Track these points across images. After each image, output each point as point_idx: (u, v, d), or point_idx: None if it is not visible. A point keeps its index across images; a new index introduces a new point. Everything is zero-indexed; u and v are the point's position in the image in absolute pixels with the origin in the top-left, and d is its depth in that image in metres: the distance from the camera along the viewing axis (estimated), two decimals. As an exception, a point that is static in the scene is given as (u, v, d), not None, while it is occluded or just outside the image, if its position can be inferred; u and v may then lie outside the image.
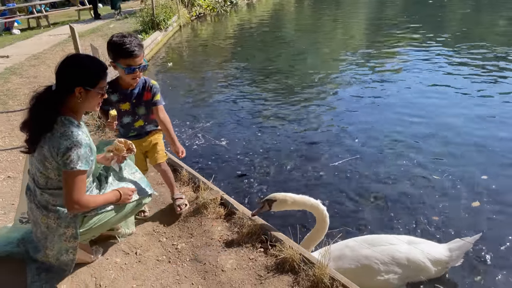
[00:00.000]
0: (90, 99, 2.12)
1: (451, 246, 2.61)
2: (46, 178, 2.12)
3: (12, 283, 2.37)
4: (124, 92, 2.71)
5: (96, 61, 2.17)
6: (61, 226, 2.18)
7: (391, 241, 2.58)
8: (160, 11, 11.66)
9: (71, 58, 2.10)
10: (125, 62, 2.55)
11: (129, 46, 2.51)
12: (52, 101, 2.05)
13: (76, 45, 5.20)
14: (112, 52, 2.57)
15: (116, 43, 2.53)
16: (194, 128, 5.40)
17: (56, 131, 2.01)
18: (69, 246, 2.26)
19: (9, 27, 13.39)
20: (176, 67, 9.03)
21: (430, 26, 11.18)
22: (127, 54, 2.52)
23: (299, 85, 7.07)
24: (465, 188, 3.75)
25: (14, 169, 3.91)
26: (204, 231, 2.83)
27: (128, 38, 2.53)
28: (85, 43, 7.25)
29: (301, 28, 12.55)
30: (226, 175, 4.17)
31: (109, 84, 2.59)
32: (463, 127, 5.00)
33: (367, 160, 4.33)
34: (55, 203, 2.16)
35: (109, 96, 2.62)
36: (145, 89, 2.76)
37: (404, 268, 2.49)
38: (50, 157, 2.03)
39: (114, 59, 2.58)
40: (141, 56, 2.58)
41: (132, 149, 2.45)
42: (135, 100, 2.74)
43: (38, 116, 2.04)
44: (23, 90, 6.62)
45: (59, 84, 2.07)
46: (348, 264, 2.52)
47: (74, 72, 2.07)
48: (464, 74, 7.00)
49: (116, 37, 2.55)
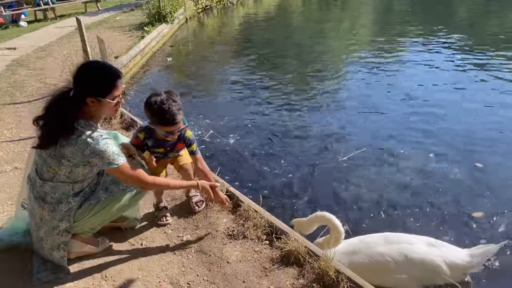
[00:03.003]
0: (104, 108, 2.14)
1: (473, 252, 2.49)
2: (54, 173, 2.15)
3: (19, 273, 2.38)
4: (159, 141, 2.63)
5: (108, 70, 2.16)
6: (55, 218, 2.21)
7: (409, 241, 2.51)
8: (166, 3, 11.62)
9: (84, 67, 2.14)
10: (165, 130, 2.45)
11: (170, 114, 2.36)
12: (71, 105, 2.09)
13: (82, 37, 5.20)
14: (151, 117, 2.43)
15: (155, 110, 2.37)
16: (198, 120, 5.40)
17: (82, 134, 2.05)
18: (61, 241, 2.27)
19: (16, 19, 13.41)
20: (180, 60, 9.02)
21: (444, 21, 11.06)
22: (168, 122, 2.40)
23: (307, 79, 7.04)
24: (493, 190, 3.59)
25: (21, 160, 3.93)
26: (210, 223, 2.83)
27: (167, 103, 2.35)
28: (92, 35, 7.25)
29: (308, 21, 12.46)
30: (231, 168, 4.16)
31: (147, 130, 2.59)
32: (488, 123, 4.90)
33: (389, 155, 4.27)
34: (53, 195, 2.18)
35: (145, 141, 2.61)
36: (179, 140, 2.65)
37: (419, 270, 2.40)
38: (74, 157, 2.07)
39: (152, 123, 2.47)
40: (181, 121, 2.45)
41: (134, 157, 2.48)
42: (169, 148, 2.68)
43: (58, 118, 2.07)
44: (30, 82, 6.64)
45: (74, 90, 2.11)
46: (362, 259, 2.48)
47: (86, 82, 2.10)
48: (482, 74, 6.83)
49: (154, 100, 2.37)
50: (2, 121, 4.99)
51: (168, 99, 2.38)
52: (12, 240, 2.53)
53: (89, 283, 2.34)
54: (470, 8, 13.50)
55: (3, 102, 5.72)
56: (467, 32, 9.64)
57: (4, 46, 9.62)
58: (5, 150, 4.17)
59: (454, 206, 3.41)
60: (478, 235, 3.06)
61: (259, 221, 2.71)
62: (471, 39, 8.91)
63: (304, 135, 4.83)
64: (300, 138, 4.78)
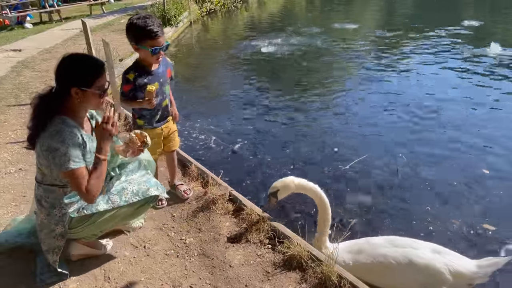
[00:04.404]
0: (89, 99, 2.11)
1: (481, 263, 2.46)
2: (42, 174, 2.17)
3: (23, 273, 2.40)
4: (151, 72, 2.70)
5: (91, 60, 2.16)
6: (51, 222, 2.22)
7: (414, 246, 2.51)
8: (171, 6, 11.70)
9: (66, 59, 2.09)
10: (150, 44, 2.54)
11: (152, 27, 2.50)
12: (51, 101, 2.08)
13: (88, 39, 5.23)
14: (135, 35, 2.55)
15: (139, 25, 2.51)
16: (202, 125, 5.41)
17: (47, 130, 2.03)
18: (56, 245, 2.26)
19: (22, 21, 13.51)
20: (185, 63, 9.05)
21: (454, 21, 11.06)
22: (152, 35, 2.51)
23: (311, 83, 7.05)
24: (504, 201, 3.56)
25: (25, 161, 3.95)
26: (212, 226, 2.84)
27: (150, 19, 2.51)
28: (97, 38, 7.29)
29: (312, 25, 12.48)
30: (235, 171, 4.17)
31: (134, 69, 2.63)
32: (495, 128, 4.88)
33: (395, 161, 4.26)
34: (47, 199, 2.20)
35: (137, 80, 2.62)
36: (166, 66, 2.82)
37: (422, 275, 2.39)
38: (41, 154, 2.07)
39: (137, 41, 2.56)
40: (163, 37, 2.59)
41: (147, 142, 2.46)
42: (162, 79, 2.76)
43: (37, 115, 2.08)
44: (35, 84, 6.68)
45: (57, 84, 2.10)
46: (365, 259, 2.49)
47: (69, 72, 2.07)
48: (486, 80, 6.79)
49: (137, 19, 2.51)
50: (7, 123, 5.02)
51: (149, 15, 2.55)
52: (16, 241, 2.54)
53: (92, 285, 2.35)
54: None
55: (8, 103, 5.76)
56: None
57: (10, 48, 9.69)
58: (10, 151, 4.20)
59: (462, 216, 3.40)
60: (486, 247, 3.03)
61: (262, 225, 2.72)
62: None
63: (307, 141, 4.83)
64: (303, 144, 4.77)
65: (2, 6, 13.90)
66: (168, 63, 2.88)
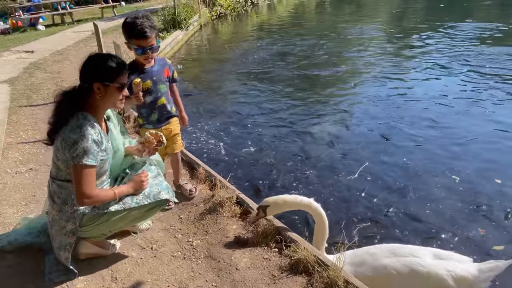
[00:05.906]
0: (110, 95, 2.19)
1: (482, 267, 2.44)
2: (57, 169, 2.21)
3: (32, 272, 2.42)
4: (143, 71, 2.75)
5: (115, 58, 2.23)
6: (62, 219, 2.24)
7: (415, 253, 2.48)
8: (181, 10, 11.77)
9: (92, 57, 2.19)
10: (136, 43, 2.61)
11: (140, 27, 2.56)
12: (74, 97, 2.16)
13: (99, 42, 5.29)
14: (125, 33, 2.64)
15: (129, 25, 2.59)
16: (212, 128, 5.43)
17: (69, 124, 2.10)
18: (67, 242, 2.29)
19: (34, 23, 13.71)
20: (194, 66, 9.09)
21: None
22: (138, 35, 2.58)
23: (321, 88, 7.02)
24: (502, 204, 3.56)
25: (36, 161, 4.00)
26: (220, 229, 2.84)
27: (140, 19, 2.58)
28: (108, 40, 7.36)
29: (322, 29, 12.47)
30: (242, 175, 4.19)
31: (128, 66, 2.65)
32: (497, 137, 4.83)
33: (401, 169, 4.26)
34: (60, 195, 2.23)
35: (129, 77, 2.63)
36: (164, 66, 2.86)
37: (424, 283, 2.37)
38: (60, 148, 2.11)
39: (127, 39, 2.65)
40: (152, 37, 2.63)
41: (162, 141, 2.50)
42: (156, 77, 2.80)
43: (59, 110, 2.15)
44: (47, 85, 6.77)
45: (81, 81, 2.17)
46: (367, 271, 2.46)
47: (94, 68, 2.16)
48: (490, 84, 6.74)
49: (129, 18, 2.61)
50: (18, 123, 5.09)
51: (142, 16, 2.62)
52: (26, 240, 2.57)
53: (99, 284, 2.37)
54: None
55: (20, 104, 5.84)
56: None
57: (22, 49, 9.84)
58: (20, 151, 4.25)
59: (464, 220, 3.40)
60: (487, 251, 3.03)
61: (269, 229, 2.71)
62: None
63: (317, 147, 4.82)
64: (313, 150, 4.77)
65: (15, 8, 14.14)
66: (166, 63, 2.93)
